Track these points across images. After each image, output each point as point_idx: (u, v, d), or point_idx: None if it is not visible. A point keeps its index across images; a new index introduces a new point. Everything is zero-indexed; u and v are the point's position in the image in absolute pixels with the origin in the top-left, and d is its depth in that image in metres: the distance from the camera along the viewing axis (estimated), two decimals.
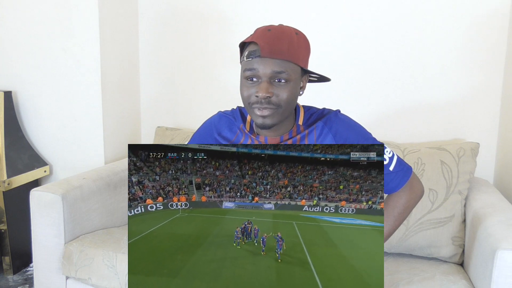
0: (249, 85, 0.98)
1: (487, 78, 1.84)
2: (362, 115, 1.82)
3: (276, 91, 0.96)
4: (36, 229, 1.65)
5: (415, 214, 1.60)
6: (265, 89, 0.94)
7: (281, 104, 0.97)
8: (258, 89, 0.95)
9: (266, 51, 0.93)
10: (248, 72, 0.97)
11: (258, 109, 0.97)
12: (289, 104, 0.98)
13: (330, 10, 1.99)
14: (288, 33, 0.97)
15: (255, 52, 0.95)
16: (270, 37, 0.95)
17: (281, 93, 0.96)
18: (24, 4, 2.12)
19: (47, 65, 2.13)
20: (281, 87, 0.96)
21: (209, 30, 2.18)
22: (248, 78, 0.97)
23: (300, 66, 0.99)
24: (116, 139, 2.20)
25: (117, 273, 1.54)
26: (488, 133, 1.87)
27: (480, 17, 1.81)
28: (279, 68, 0.94)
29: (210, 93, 2.23)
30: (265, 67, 0.94)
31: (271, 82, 0.96)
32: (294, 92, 0.98)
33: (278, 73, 0.95)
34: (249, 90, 0.97)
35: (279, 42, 0.94)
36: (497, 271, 1.17)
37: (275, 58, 0.94)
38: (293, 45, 0.96)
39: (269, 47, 0.94)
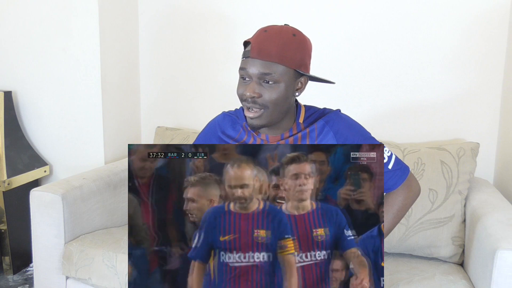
0: (242, 83, 1.02)
1: (487, 78, 1.84)
2: (362, 115, 1.82)
3: (263, 92, 0.98)
4: (36, 229, 1.65)
5: (415, 214, 1.60)
6: (251, 89, 0.98)
7: (267, 105, 0.99)
8: (246, 89, 0.99)
9: (255, 52, 0.97)
10: (241, 71, 1.01)
11: (246, 109, 1.01)
12: (277, 105, 1.00)
13: (330, 10, 1.99)
14: (284, 35, 0.98)
15: (247, 52, 0.99)
16: (262, 38, 0.98)
17: (268, 94, 0.98)
18: (24, 4, 2.11)
19: (47, 65, 2.13)
20: (268, 88, 0.98)
21: (209, 30, 2.18)
22: (242, 77, 1.01)
23: (294, 68, 1.00)
24: (116, 139, 2.20)
25: (117, 273, 1.54)
26: (488, 133, 1.87)
27: (480, 16, 1.81)
28: (266, 69, 0.97)
29: (210, 93, 2.23)
30: (252, 68, 0.98)
31: (259, 83, 0.98)
32: (284, 93, 1.00)
33: (265, 74, 0.97)
34: (241, 89, 1.02)
35: (269, 43, 0.97)
36: (497, 271, 1.17)
37: (263, 59, 0.96)
38: (285, 47, 0.97)
39: (258, 48, 0.97)
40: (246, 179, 0.87)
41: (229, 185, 0.87)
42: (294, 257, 0.86)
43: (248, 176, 0.87)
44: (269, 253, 0.86)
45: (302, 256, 0.88)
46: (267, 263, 0.86)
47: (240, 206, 0.87)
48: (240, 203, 0.87)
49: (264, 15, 2.07)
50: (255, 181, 0.87)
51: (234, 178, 0.87)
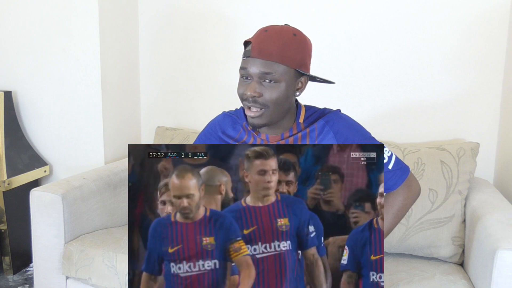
0: (242, 83, 1.02)
1: (487, 78, 1.84)
2: (362, 115, 1.82)
3: (264, 91, 0.99)
4: (36, 229, 1.65)
5: (415, 214, 1.60)
6: (252, 89, 0.99)
7: (268, 105, 1.00)
8: (247, 88, 1.00)
9: (256, 52, 0.97)
10: (242, 71, 1.01)
11: (247, 108, 1.02)
12: (278, 105, 1.01)
13: (330, 10, 1.99)
14: (285, 34, 0.99)
15: (248, 52, 0.99)
16: (263, 37, 0.99)
17: (268, 94, 0.99)
18: (24, 4, 2.11)
19: (47, 65, 2.13)
20: (269, 88, 0.99)
21: (209, 30, 2.18)
22: (243, 77, 1.02)
23: (295, 68, 1.00)
24: (116, 139, 2.20)
25: (117, 273, 1.54)
26: (488, 133, 1.87)
27: (480, 16, 1.81)
28: (267, 69, 0.97)
29: (210, 93, 2.23)
30: (253, 67, 0.98)
31: (260, 82, 0.99)
32: (284, 93, 1.00)
33: (266, 74, 0.98)
34: (242, 88, 1.02)
35: (270, 43, 0.97)
36: (497, 271, 1.17)
37: (263, 59, 0.97)
38: (286, 47, 0.98)
39: (259, 48, 0.97)
40: (191, 189, 0.86)
41: (174, 195, 0.86)
42: (250, 257, 0.86)
43: (193, 185, 0.86)
44: (217, 260, 0.86)
45: (267, 247, 0.88)
46: (218, 269, 0.86)
47: (185, 216, 0.87)
48: (185, 213, 0.86)
49: (264, 15, 2.07)
50: (201, 191, 0.87)
51: (178, 188, 0.86)
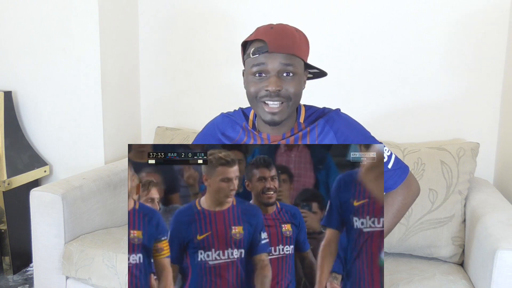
0: (256, 80, 1.01)
1: (487, 78, 1.84)
2: (362, 115, 1.81)
3: (284, 85, 1.00)
4: (36, 229, 1.65)
5: (415, 214, 1.60)
6: (274, 83, 0.99)
7: (291, 97, 1.01)
8: (268, 83, 0.99)
9: (274, 46, 0.97)
10: (256, 68, 1.00)
11: (267, 104, 1.01)
12: (298, 97, 1.03)
13: (330, 10, 1.99)
14: (290, 30, 1.02)
15: (262, 48, 0.99)
16: (274, 33, 0.99)
17: (289, 87, 1.00)
18: (24, 4, 2.12)
19: (47, 65, 2.13)
20: (289, 81, 1.00)
21: (210, 30, 2.18)
22: (256, 74, 1.01)
23: (304, 61, 1.03)
24: (116, 139, 2.20)
25: (117, 273, 1.54)
26: (488, 133, 1.87)
27: (480, 16, 1.81)
28: (286, 61, 0.99)
29: (210, 93, 2.23)
30: (273, 61, 0.99)
31: (279, 76, 1.00)
32: (300, 85, 1.03)
33: (286, 65, 0.99)
34: (257, 85, 1.01)
35: (284, 37, 0.99)
36: (497, 271, 1.17)
37: (282, 52, 0.98)
38: (296, 40, 1.01)
39: (276, 42, 0.98)
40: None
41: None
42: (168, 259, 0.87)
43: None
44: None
45: (220, 254, 0.87)
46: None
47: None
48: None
49: (264, 16, 2.07)
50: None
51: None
